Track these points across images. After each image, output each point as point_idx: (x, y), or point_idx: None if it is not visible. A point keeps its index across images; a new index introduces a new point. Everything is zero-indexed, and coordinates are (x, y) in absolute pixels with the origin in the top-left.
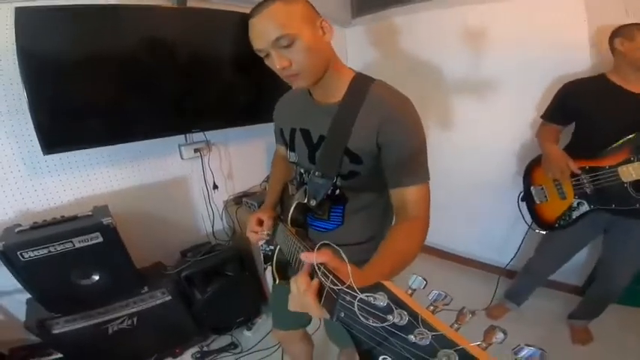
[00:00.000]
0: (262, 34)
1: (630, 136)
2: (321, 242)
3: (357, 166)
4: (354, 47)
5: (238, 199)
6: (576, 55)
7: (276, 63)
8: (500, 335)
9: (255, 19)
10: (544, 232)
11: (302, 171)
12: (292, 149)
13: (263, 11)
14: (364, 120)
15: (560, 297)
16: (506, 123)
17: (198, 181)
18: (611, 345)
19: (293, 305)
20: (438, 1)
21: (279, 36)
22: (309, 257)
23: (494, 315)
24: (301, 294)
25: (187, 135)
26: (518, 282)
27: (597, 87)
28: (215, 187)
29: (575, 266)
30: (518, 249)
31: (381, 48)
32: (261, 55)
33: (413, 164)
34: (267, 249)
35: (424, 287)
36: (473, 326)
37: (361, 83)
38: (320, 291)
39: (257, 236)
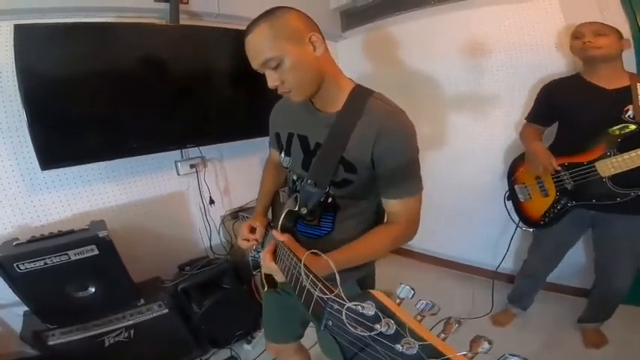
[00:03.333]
0: (252, 56)
1: (606, 131)
2: (310, 251)
3: (352, 175)
4: (346, 60)
5: (235, 214)
6: (559, 57)
7: (268, 83)
8: (485, 345)
9: (246, 40)
10: (531, 230)
11: (294, 178)
12: (288, 154)
13: (251, 33)
14: (361, 131)
15: (566, 300)
16: (491, 126)
17: (194, 196)
18: (624, 347)
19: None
20: (425, 11)
21: (265, 59)
22: (276, 235)
23: (500, 322)
24: (263, 256)
25: (183, 151)
26: (518, 285)
27: (573, 86)
28: (211, 202)
29: (578, 268)
30: (507, 249)
31: (372, 59)
32: (260, 72)
33: (405, 178)
34: (257, 256)
35: (412, 297)
36: (478, 332)
37: (360, 95)
38: (273, 255)
39: (248, 244)
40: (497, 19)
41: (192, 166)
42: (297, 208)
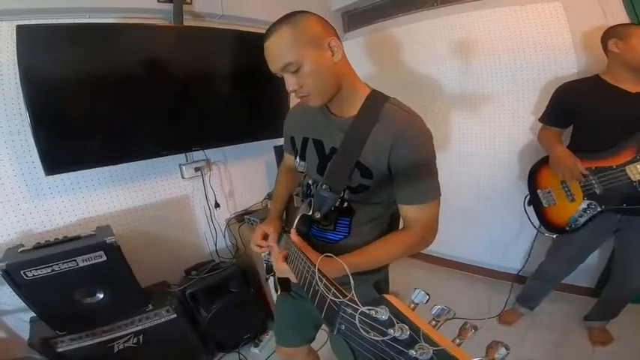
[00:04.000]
0: (271, 60)
1: (634, 134)
2: (325, 254)
3: (368, 180)
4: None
5: (240, 217)
6: (563, 58)
7: (287, 86)
8: (502, 351)
9: (265, 44)
10: (554, 236)
11: (310, 182)
12: (302, 158)
13: (271, 37)
14: (377, 137)
15: (571, 299)
16: (501, 128)
17: (199, 199)
18: (630, 345)
19: (277, 270)
20: (427, 13)
21: (285, 64)
22: (292, 236)
23: (506, 321)
24: (276, 258)
25: (188, 154)
26: (531, 286)
27: (592, 87)
28: (217, 205)
29: (585, 268)
30: (529, 254)
31: (375, 60)
32: (278, 76)
33: (422, 183)
34: (271, 260)
35: (427, 302)
36: (483, 334)
37: (376, 100)
38: (285, 257)
39: (261, 250)
40: (500, 22)
41: (197, 169)
42: (310, 213)
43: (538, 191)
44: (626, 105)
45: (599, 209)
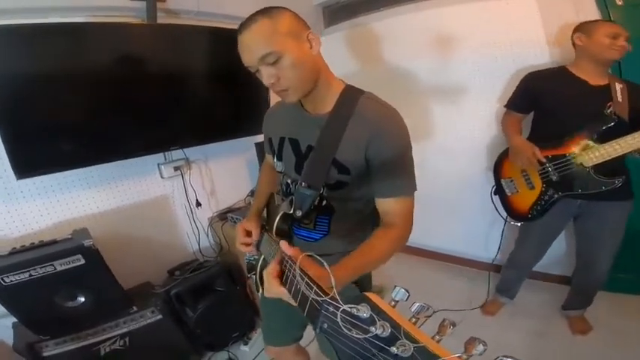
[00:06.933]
0: (249, 51)
1: (587, 123)
2: (306, 253)
3: (345, 176)
4: (328, 57)
5: (223, 215)
6: (536, 53)
7: (264, 80)
8: (480, 347)
9: (242, 36)
10: (519, 224)
11: (288, 181)
12: (279, 158)
13: (249, 27)
14: (353, 132)
15: (550, 288)
16: (475, 120)
17: (180, 199)
18: (609, 332)
19: (267, 292)
20: (407, 7)
21: (265, 54)
22: (285, 247)
23: (489, 311)
24: (268, 276)
25: (166, 153)
26: (505, 276)
27: (558, 77)
28: (198, 204)
29: (559, 257)
30: (500, 243)
31: (356, 55)
32: (251, 70)
33: (399, 177)
34: (252, 258)
35: (407, 299)
36: (471, 326)
37: (351, 95)
38: (280, 275)
39: (249, 248)
40: (477, 16)
41: (176, 168)
42: (291, 211)
43: (501, 180)
44: (584, 95)
45: (557, 195)
